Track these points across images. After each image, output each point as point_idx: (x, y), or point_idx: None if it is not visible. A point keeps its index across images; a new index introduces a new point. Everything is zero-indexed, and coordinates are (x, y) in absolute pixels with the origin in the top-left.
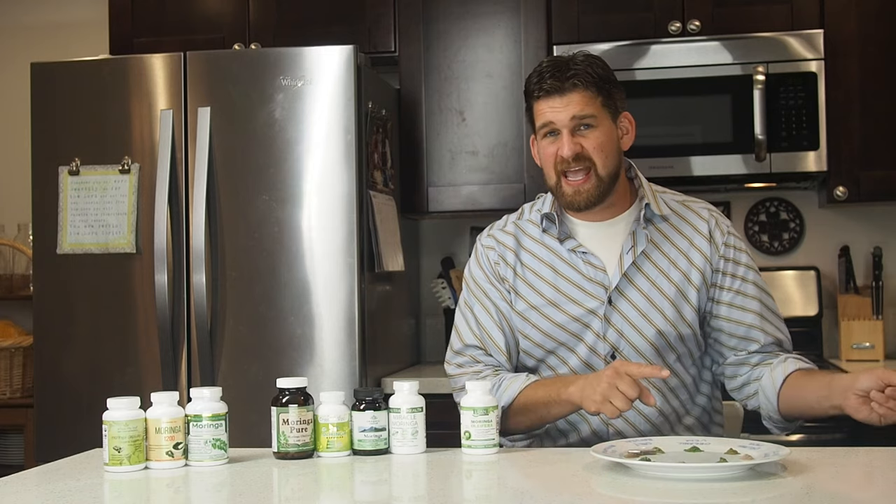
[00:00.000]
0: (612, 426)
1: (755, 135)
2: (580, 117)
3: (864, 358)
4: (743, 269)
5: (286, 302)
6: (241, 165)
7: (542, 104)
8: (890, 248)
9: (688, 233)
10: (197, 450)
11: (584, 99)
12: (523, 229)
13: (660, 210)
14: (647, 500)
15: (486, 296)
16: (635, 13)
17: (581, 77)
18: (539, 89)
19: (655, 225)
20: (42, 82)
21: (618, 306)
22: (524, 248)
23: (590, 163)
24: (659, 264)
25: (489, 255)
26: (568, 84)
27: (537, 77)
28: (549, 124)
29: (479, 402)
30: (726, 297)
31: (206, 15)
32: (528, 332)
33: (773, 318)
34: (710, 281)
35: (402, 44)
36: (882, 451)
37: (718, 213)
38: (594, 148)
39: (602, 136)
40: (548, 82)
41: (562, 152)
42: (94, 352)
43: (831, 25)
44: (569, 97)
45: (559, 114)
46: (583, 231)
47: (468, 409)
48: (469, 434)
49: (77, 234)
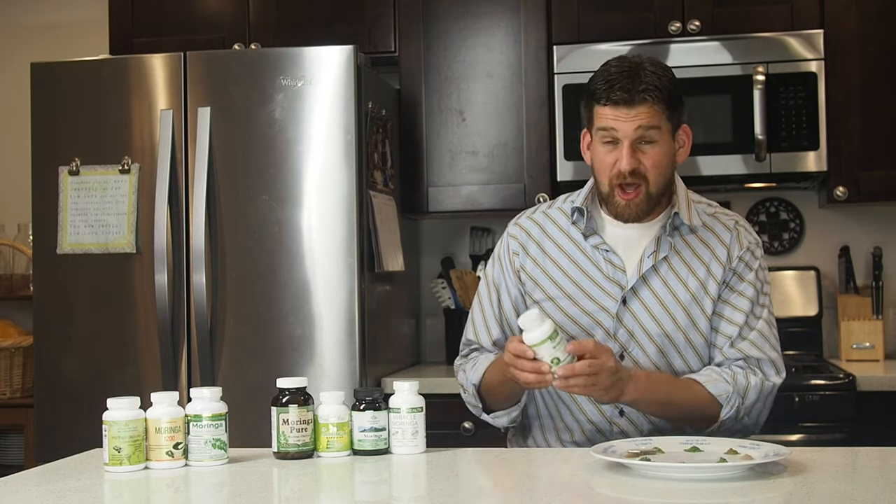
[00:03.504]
0: (617, 425)
1: (755, 135)
2: (645, 128)
3: (864, 358)
4: (744, 284)
5: (286, 302)
6: (241, 165)
7: (607, 110)
8: (890, 248)
9: (712, 244)
10: (197, 450)
11: (652, 112)
12: (552, 218)
13: (690, 221)
14: (647, 500)
15: (496, 288)
16: (635, 13)
17: (653, 92)
18: (607, 98)
19: (682, 234)
20: (42, 82)
21: (631, 307)
22: (549, 237)
23: (643, 180)
24: (678, 271)
25: (510, 244)
26: (638, 97)
27: (605, 84)
28: (611, 131)
29: (545, 332)
30: (718, 307)
31: (206, 15)
32: None
33: (757, 338)
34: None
35: (402, 44)
36: (882, 451)
37: (745, 227)
38: (652, 165)
39: (660, 153)
40: (617, 93)
41: (620, 166)
42: (94, 352)
43: (831, 25)
44: (637, 109)
45: (624, 124)
46: (610, 229)
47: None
48: (557, 360)
49: (77, 234)
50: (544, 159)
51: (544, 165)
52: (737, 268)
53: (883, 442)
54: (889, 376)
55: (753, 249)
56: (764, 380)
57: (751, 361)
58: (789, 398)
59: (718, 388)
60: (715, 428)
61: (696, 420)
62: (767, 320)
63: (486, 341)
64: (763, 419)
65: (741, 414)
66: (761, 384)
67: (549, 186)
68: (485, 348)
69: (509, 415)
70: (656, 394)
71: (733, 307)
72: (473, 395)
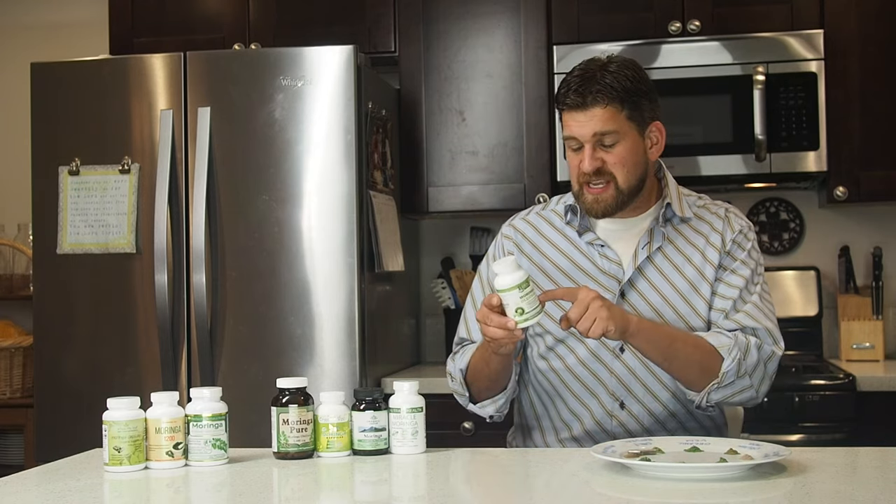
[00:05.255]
0: (616, 418)
1: (755, 135)
2: (601, 133)
3: (864, 358)
4: (737, 263)
5: (286, 302)
6: (241, 165)
7: (567, 117)
8: (890, 248)
9: (704, 231)
10: (197, 450)
11: (607, 114)
12: (546, 218)
13: (682, 212)
14: (647, 500)
15: (491, 288)
16: (635, 13)
17: (604, 93)
18: (563, 102)
19: (674, 225)
20: (42, 82)
21: (629, 299)
22: (544, 237)
23: (610, 177)
24: (673, 260)
25: (504, 244)
26: (590, 99)
27: (564, 88)
28: (573, 138)
29: (516, 279)
30: (714, 285)
31: (206, 15)
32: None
33: (752, 310)
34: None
35: (402, 44)
36: (882, 451)
37: (735, 213)
38: (615, 163)
39: (624, 151)
40: (571, 97)
41: (582, 167)
42: (94, 352)
43: (831, 25)
44: (591, 112)
45: (582, 128)
46: (603, 225)
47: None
48: (522, 310)
49: (77, 234)
50: (544, 159)
51: (544, 165)
52: (731, 250)
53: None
54: (889, 376)
55: (746, 232)
56: (762, 343)
57: (747, 330)
58: (789, 398)
59: (720, 340)
60: (716, 384)
61: (697, 371)
62: (762, 295)
63: (478, 338)
64: (765, 389)
65: (742, 370)
66: (760, 346)
67: (549, 186)
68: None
69: (495, 403)
70: (659, 330)
71: (727, 284)
72: (461, 382)
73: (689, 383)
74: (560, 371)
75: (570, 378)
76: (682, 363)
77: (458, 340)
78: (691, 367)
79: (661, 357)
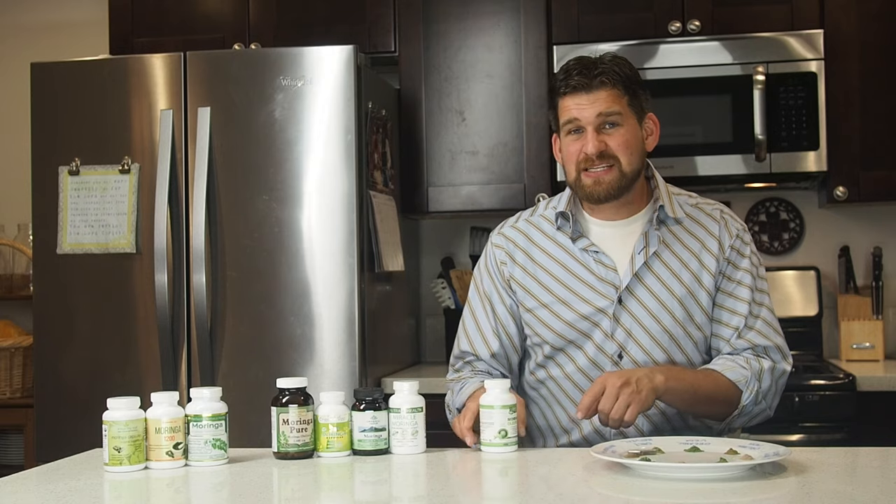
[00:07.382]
0: None
1: (755, 135)
2: (606, 114)
3: (864, 358)
4: (740, 273)
5: (286, 302)
6: (241, 165)
7: (568, 101)
8: (890, 248)
9: (700, 235)
10: (197, 450)
11: (611, 97)
12: (536, 225)
13: (674, 213)
14: (647, 500)
15: (488, 299)
16: (635, 13)
17: (609, 75)
18: (566, 85)
19: (668, 227)
20: (42, 82)
21: (627, 306)
22: (535, 245)
23: (614, 160)
24: (670, 265)
25: (496, 255)
26: (595, 81)
27: (564, 74)
28: (574, 121)
29: (507, 400)
30: (719, 298)
31: (206, 15)
32: (538, 329)
33: (762, 327)
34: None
35: (402, 44)
36: (882, 451)
37: (730, 215)
38: (619, 145)
39: (627, 134)
40: (575, 79)
41: (586, 149)
42: (94, 352)
43: (831, 25)
44: (595, 94)
45: (585, 111)
46: (596, 230)
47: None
48: (505, 432)
49: (77, 234)
50: (544, 159)
51: (544, 165)
52: (730, 256)
53: (883, 442)
54: (889, 376)
55: (742, 235)
56: (774, 364)
57: (758, 349)
58: (789, 398)
59: (736, 374)
60: (736, 415)
61: (718, 408)
62: (769, 307)
63: (483, 352)
64: (776, 404)
65: (759, 398)
66: (773, 368)
67: (549, 186)
68: (481, 359)
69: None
70: (683, 379)
71: (735, 298)
72: (456, 416)
73: (711, 417)
74: (559, 379)
75: (570, 386)
76: (707, 404)
77: (458, 354)
78: (714, 406)
79: (686, 406)
